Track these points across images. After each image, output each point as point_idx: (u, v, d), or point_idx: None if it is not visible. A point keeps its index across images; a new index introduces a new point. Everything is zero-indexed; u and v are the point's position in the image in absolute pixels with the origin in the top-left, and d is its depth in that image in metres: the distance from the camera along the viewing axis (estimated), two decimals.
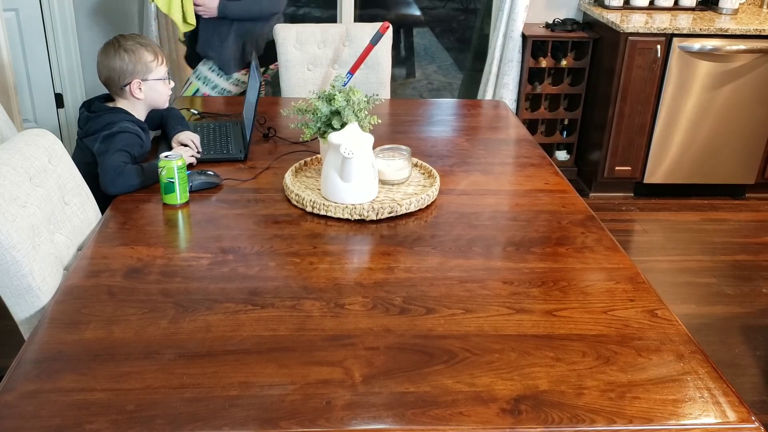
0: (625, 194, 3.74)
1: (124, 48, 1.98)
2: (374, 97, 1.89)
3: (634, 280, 1.51)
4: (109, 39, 2.02)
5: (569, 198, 1.88)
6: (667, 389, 1.19)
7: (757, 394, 2.33)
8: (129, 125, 1.96)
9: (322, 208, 1.74)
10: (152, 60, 2.01)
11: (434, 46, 5.36)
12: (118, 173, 1.83)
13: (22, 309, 1.46)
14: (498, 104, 2.72)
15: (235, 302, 1.40)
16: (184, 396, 1.14)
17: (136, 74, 1.99)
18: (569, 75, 3.69)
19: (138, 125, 2.00)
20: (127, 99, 2.03)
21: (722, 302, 2.82)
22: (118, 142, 1.90)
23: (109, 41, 2.01)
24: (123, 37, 2.01)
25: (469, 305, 1.40)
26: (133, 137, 1.95)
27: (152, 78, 2.01)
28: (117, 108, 2.02)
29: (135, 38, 2.01)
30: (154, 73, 2.01)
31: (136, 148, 1.95)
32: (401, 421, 1.11)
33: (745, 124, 3.51)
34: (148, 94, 2.03)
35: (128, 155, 1.90)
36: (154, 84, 2.02)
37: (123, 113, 2.00)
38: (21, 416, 1.10)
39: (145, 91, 2.02)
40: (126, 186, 1.84)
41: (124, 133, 1.93)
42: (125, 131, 1.93)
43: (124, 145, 1.90)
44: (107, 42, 2.01)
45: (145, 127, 2.05)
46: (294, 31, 2.84)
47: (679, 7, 3.67)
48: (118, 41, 1.99)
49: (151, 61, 2.00)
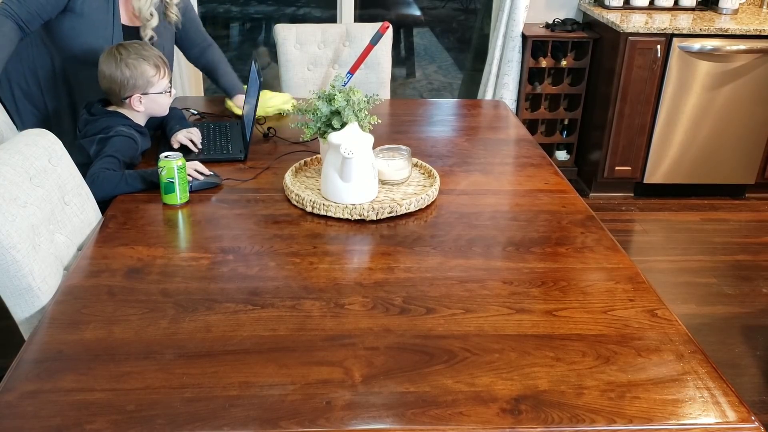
0: (625, 194, 3.74)
1: (125, 62, 1.94)
2: (374, 97, 1.89)
3: (634, 280, 1.51)
4: (111, 48, 1.98)
5: (569, 198, 1.89)
6: (667, 389, 1.19)
7: (757, 394, 2.33)
8: (124, 129, 1.95)
9: (322, 208, 1.74)
10: (154, 74, 1.97)
11: (434, 46, 5.36)
12: (92, 180, 1.82)
13: (22, 309, 1.46)
14: (498, 104, 2.72)
15: (235, 302, 1.40)
16: (184, 396, 1.14)
17: (137, 89, 1.97)
18: (569, 75, 3.69)
19: (135, 129, 2.00)
20: (127, 109, 2.02)
21: (722, 302, 2.82)
22: (109, 147, 1.89)
23: (111, 51, 1.96)
24: (125, 49, 1.96)
25: (469, 305, 1.40)
26: (127, 141, 1.94)
27: (153, 92, 2.00)
28: (116, 112, 2.01)
29: (137, 50, 1.96)
30: (155, 87, 1.99)
31: (128, 153, 1.94)
32: (401, 421, 1.11)
33: (745, 124, 3.51)
34: (148, 106, 2.01)
35: (116, 161, 1.89)
36: (155, 97, 2.01)
37: (121, 117, 1.99)
38: (21, 416, 1.10)
39: (145, 104, 2.00)
40: (96, 194, 1.82)
41: (118, 137, 1.92)
42: (120, 135, 1.93)
43: (114, 150, 1.89)
44: (108, 51, 1.97)
45: (144, 131, 2.04)
46: (294, 31, 2.85)
47: (679, 7, 3.67)
48: (120, 53, 1.95)
49: (153, 75, 1.97)
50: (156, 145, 2.11)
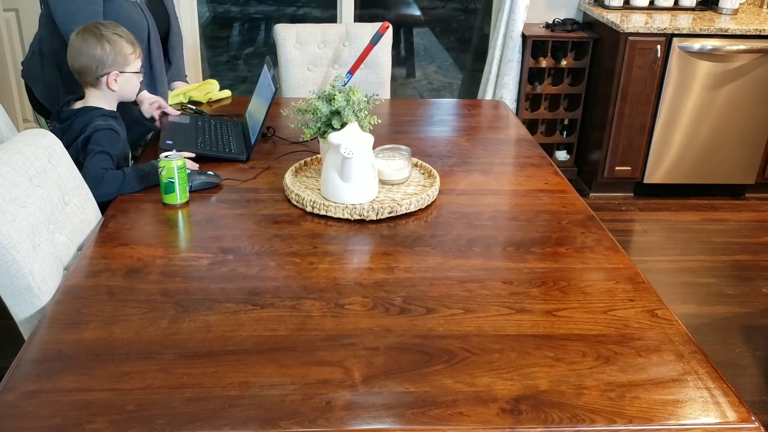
0: (625, 194, 3.74)
1: (106, 38, 1.92)
2: (374, 97, 1.89)
3: (634, 280, 1.51)
4: (87, 25, 1.95)
5: (569, 198, 1.89)
6: (667, 389, 1.19)
7: (757, 394, 2.33)
8: (101, 122, 1.92)
9: (322, 208, 1.74)
10: (131, 53, 1.96)
11: (434, 46, 5.37)
12: (98, 181, 1.81)
13: (22, 309, 1.46)
14: (498, 104, 2.72)
15: (235, 302, 1.40)
16: (184, 396, 1.14)
17: (115, 66, 1.94)
18: (569, 75, 3.69)
19: (110, 116, 1.97)
20: (100, 90, 1.98)
21: (722, 302, 2.82)
22: (95, 146, 1.88)
23: (88, 28, 1.94)
24: (103, 26, 1.95)
25: (469, 305, 1.40)
26: (109, 134, 1.91)
27: (129, 71, 1.97)
28: (85, 108, 1.97)
29: (114, 28, 1.95)
30: (131, 66, 1.97)
31: (115, 147, 1.92)
32: (401, 421, 1.11)
33: (745, 124, 3.51)
34: (122, 87, 1.98)
35: (108, 157, 1.88)
36: (130, 77, 1.99)
37: (92, 111, 1.96)
38: (21, 416, 1.10)
39: (120, 83, 1.97)
40: (105, 194, 1.82)
41: (99, 132, 1.90)
42: (99, 130, 1.90)
43: (101, 148, 1.88)
44: (85, 28, 1.94)
45: (116, 115, 2.01)
46: (294, 31, 2.85)
47: (679, 7, 3.67)
48: (99, 29, 1.92)
49: (130, 53, 1.96)
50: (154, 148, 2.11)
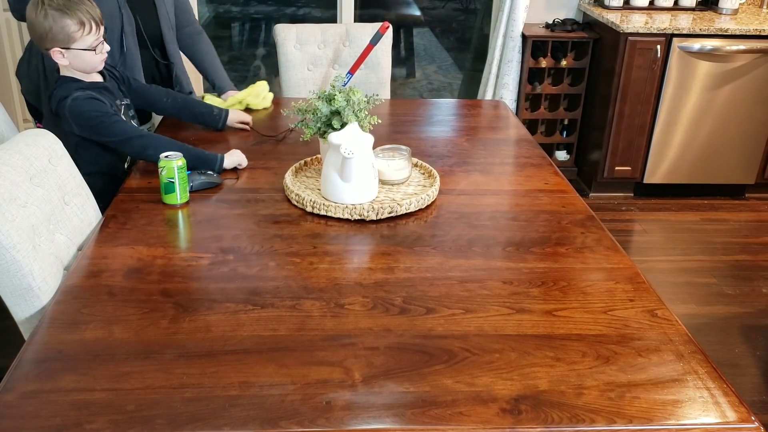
0: (625, 194, 3.74)
1: (45, 12, 1.80)
2: (374, 97, 1.89)
3: (634, 280, 1.51)
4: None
5: (569, 198, 1.89)
6: (667, 389, 1.19)
7: (757, 394, 2.33)
8: (80, 94, 1.86)
9: (322, 208, 1.74)
10: (77, 30, 1.82)
11: (434, 46, 5.37)
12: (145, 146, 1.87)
13: (22, 309, 1.46)
14: (498, 104, 2.72)
15: (235, 302, 1.40)
16: (184, 396, 1.14)
17: (56, 42, 1.83)
18: (569, 75, 3.69)
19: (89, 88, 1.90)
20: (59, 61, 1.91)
21: (722, 302, 2.82)
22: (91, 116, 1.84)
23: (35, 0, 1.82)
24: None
25: (469, 305, 1.40)
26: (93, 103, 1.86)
27: (76, 48, 1.85)
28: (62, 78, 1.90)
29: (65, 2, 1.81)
30: (78, 42, 1.84)
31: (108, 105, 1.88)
32: (401, 421, 1.11)
33: (745, 124, 3.51)
34: (73, 61, 1.88)
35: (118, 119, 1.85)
36: (78, 53, 1.86)
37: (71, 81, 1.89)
38: (21, 416, 1.10)
39: (69, 58, 1.87)
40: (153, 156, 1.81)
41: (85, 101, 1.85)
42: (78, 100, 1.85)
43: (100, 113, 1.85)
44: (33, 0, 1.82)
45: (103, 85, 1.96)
46: (294, 31, 2.85)
47: (679, 7, 3.67)
48: (43, 2, 1.80)
49: (76, 30, 1.82)
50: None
